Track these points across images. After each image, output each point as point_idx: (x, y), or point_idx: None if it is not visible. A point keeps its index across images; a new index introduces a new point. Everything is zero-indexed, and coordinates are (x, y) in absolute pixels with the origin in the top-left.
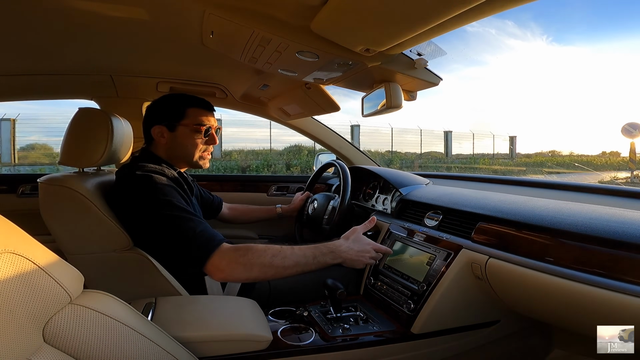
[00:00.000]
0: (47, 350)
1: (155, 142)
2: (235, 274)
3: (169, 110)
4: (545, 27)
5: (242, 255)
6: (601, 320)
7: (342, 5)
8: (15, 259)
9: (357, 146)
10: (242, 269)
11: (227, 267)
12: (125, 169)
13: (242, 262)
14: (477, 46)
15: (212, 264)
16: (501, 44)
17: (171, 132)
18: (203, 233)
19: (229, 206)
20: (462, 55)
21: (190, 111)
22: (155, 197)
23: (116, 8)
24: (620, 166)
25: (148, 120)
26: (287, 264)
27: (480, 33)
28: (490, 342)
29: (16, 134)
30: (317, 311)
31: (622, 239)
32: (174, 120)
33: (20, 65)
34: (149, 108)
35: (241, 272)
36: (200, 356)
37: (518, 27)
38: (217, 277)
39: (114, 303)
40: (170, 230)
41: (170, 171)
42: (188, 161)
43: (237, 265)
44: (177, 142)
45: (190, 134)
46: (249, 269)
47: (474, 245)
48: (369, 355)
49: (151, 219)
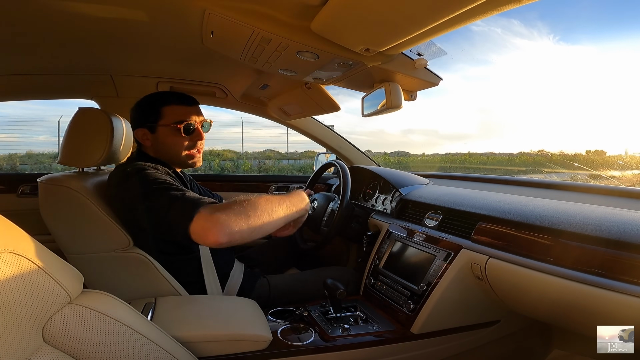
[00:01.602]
0: (47, 350)
1: (143, 145)
2: (238, 225)
3: (145, 111)
4: (552, 26)
5: (234, 204)
6: (601, 320)
7: (342, 5)
8: (15, 259)
9: (356, 146)
10: (245, 220)
11: (227, 220)
12: (118, 168)
13: (237, 210)
14: (482, 45)
15: (195, 225)
16: (507, 43)
17: (152, 134)
18: (191, 196)
19: None
20: (467, 54)
21: (167, 109)
22: (147, 182)
23: (116, 8)
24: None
25: (132, 123)
26: (267, 208)
27: (485, 32)
28: (490, 342)
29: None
30: (317, 311)
31: (622, 239)
32: (152, 122)
33: (20, 65)
34: (131, 111)
35: (244, 223)
36: (200, 356)
37: (524, 26)
38: (202, 240)
39: (113, 303)
40: (162, 203)
41: (165, 169)
42: (177, 162)
43: (235, 216)
44: (160, 143)
45: (170, 134)
46: (250, 215)
47: (473, 246)
48: (368, 355)
49: (143, 200)
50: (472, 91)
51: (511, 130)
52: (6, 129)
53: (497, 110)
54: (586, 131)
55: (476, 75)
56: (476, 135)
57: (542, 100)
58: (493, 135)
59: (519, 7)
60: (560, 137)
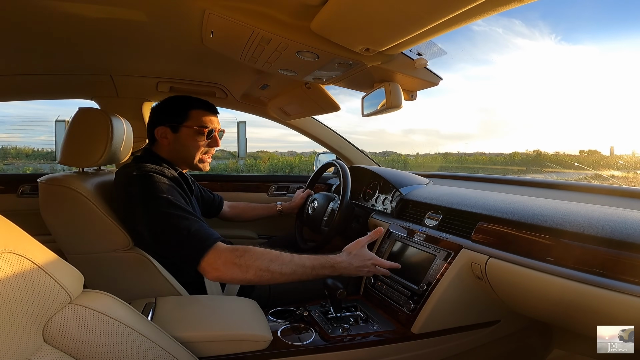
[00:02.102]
0: (47, 350)
1: (158, 143)
2: (231, 274)
3: (172, 111)
4: (554, 26)
5: (239, 256)
6: (601, 320)
7: (342, 5)
8: (15, 259)
9: (357, 146)
10: (238, 270)
11: (223, 266)
12: (124, 169)
13: (238, 263)
14: (483, 45)
15: (207, 262)
16: (508, 43)
17: (174, 133)
18: (199, 231)
19: (229, 204)
20: (469, 54)
21: (194, 113)
22: (153, 196)
23: (116, 9)
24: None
25: (152, 121)
26: (284, 270)
27: (487, 32)
28: (490, 342)
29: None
30: (317, 311)
31: (622, 239)
32: (177, 122)
33: (20, 65)
34: (154, 109)
35: (237, 273)
36: (200, 356)
37: (526, 26)
38: (211, 276)
39: (114, 303)
40: (166, 228)
41: (170, 171)
42: (189, 163)
43: (232, 266)
44: (179, 143)
45: (192, 136)
46: (244, 271)
47: (474, 245)
48: (369, 355)
49: (148, 217)
50: (474, 91)
51: (511, 130)
52: (8, 129)
53: (499, 110)
54: (585, 131)
55: (478, 75)
56: (477, 135)
57: (543, 100)
58: (493, 136)
59: (520, 7)
60: (557, 137)
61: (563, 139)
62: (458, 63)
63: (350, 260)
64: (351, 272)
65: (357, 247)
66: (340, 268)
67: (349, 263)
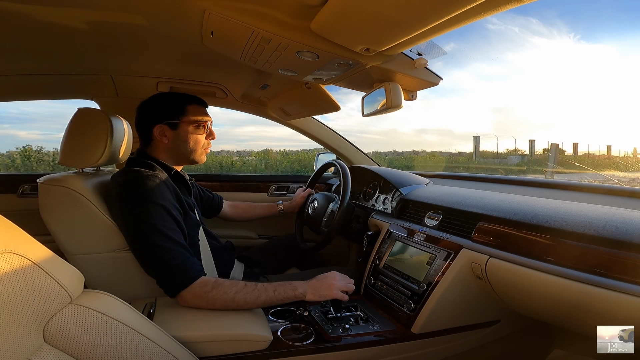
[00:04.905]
0: (48, 350)
1: (155, 143)
2: (198, 305)
3: (168, 108)
4: (573, 24)
5: (207, 292)
6: (601, 320)
7: (342, 5)
8: (15, 259)
9: (357, 146)
10: (205, 304)
11: (191, 300)
12: (118, 177)
13: (205, 298)
14: (498, 44)
15: (180, 297)
16: (525, 42)
17: (173, 130)
18: (179, 267)
19: (230, 204)
20: (484, 53)
21: (190, 108)
22: (142, 220)
23: (116, 9)
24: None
25: (145, 120)
26: (248, 299)
27: (502, 31)
28: (490, 342)
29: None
30: (317, 311)
31: (622, 239)
32: (175, 118)
33: (20, 65)
34: (144, 108)
35: (204, 305)
36: (200, 356)
37: (543, 24)
38: (180, 303)
39: (114, 303)
40: (149, 255)
41: (165, 174)
42: (190, 158)
43: (200, 300)
44: (180, 139)
45: (193, 130)
46: (211, 304)
47: (474, 245)
48: (369, 355)
49: (134, 239)
50: (489, 90)
51: (528, 129)
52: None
53: (515, 109)
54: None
55: (492, 75)
56: (490, 135)
57: (561, 100)
58: (507, 135)
59: (537, 5)
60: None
61: (581, 139)
62: (473, 62)
63: (310, 283)
64: (311, 298)
65: (327, 276)
66: (299, 286)
67: (309, 285)
